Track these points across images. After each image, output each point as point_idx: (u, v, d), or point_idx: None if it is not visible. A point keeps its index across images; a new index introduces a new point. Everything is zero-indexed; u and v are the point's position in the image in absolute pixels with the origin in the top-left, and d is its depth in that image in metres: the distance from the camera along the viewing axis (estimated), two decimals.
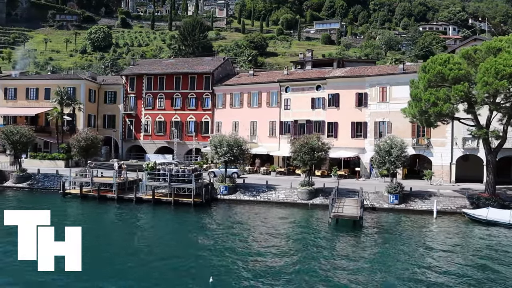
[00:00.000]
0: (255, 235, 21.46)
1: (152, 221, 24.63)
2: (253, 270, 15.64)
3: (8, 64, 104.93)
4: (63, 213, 25.46)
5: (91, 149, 33.38)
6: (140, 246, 19.04)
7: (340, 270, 15.92)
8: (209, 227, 23.21)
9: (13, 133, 33.47)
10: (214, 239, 20.21)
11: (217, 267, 15.89)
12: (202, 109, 47.09)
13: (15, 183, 34.69)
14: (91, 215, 25.53)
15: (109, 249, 18.32)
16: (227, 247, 18.79)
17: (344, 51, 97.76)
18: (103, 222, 24.21)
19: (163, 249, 18.63)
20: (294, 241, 20.54)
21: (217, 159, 30.91)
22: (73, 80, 47.70)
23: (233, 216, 26.18)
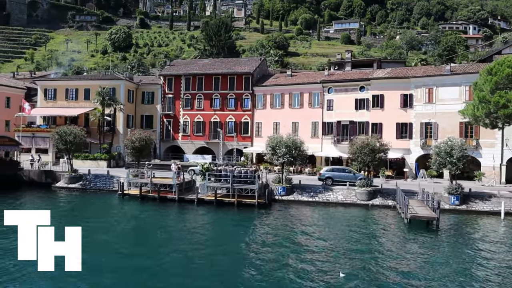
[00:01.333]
0: (336, 236, 21.29)
1: (227, 223, 24.30)
2: (355, 272, 15.49)
3: (31, 64, 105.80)
4: (134, 216, 25.51)
5: (144, 150, 33.38)
6: (239, 249, 18.71)
7: (442, 275, 15.67)
8: (286, 228, 23.00)
9: (66, 134, 33.56)
10: (299, 241, 20.04)
11: (332, 269, 15.72)
12: (242, 109, 46.97)
13: (67, 184, 34.81)
14: (161, 217, 25.40)
15: (214, 254, 17.86)
16: (320, 248, 18.62)
17: (366, 51, 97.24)
18: (180, 225, 23.81)
19: (263, 250, 18.32)
20: (378, 242, 20.35)
21: (275, 160, 30.73)
22: (113, 80, 47.77)
23: (301, 217, 26.08)
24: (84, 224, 22.93)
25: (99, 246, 18.24)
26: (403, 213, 25.41)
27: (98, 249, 17.44)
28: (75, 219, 24.57)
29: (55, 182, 36.23)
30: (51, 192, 33.98)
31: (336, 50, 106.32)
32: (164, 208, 27.69)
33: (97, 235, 20.21)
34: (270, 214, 26.85)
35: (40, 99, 49.70)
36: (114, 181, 34.45)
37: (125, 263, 16.24)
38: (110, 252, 17.60)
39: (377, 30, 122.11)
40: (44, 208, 27.54)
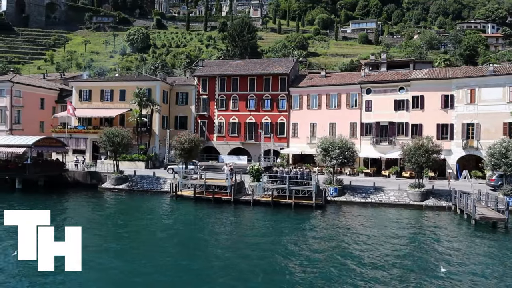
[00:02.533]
0: (406, 240, 21.06)
1: (289, 224, 23.97)
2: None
3: (51, 65, 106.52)
4: (195, 217, 25.52)
5: (193, 151, 33.44)
6: (310, 251, 18.65)
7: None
8: (349, 230, 22.85)
9: (114, 135, 33.69)
10: (369, 243, 19.88)
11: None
12: (278, 110, 46.91)
13: (113, 185, 34.91)
14: (223, 219, 25.27)
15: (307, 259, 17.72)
16: (396, 252, 18.48)
17: (387, 50, 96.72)
18: (244, 226, 23.64)
19: (330, 253, 18.14)
20: (450, 245, 20.14)
21: (328, 161, 30.64)
22: (149, 81, 47.91)
23: (360, 219, 25.92)
24: (149, 226, 23.16)
25: (173, 247, 18.31)
26: (466, 214, 25.25)
27: (174, 251, 17.50)
28: (137, 221, 24.66)
29: (100, 183, 36.32)
30: (97, 193, 34.07)
31: (354, 50, 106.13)
32: (221, 209, 27.61)
33: (162, 237, 20.34)
34: (327, 215, 26.73)
35: (75, 100, 49.95)
36: (161, 182, 34.54)
37: (207, 264, 16.25)
38: (188, 254, 17.60)
39: (394, 30, 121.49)
40: (102, 209, 27.84)
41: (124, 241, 19.88)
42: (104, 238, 20.01)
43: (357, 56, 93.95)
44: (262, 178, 29.67)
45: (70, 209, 28.10)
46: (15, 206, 27.76)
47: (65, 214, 26.16)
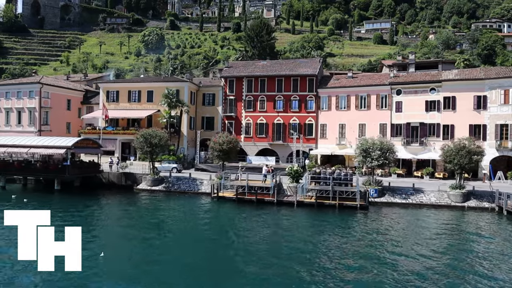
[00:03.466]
0: (461, 244, 20.96)
1: (343, 226, 24.05)
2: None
3: (67, 67, 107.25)
4: (243, 219, 25.54)
5: (231, 153, 33.54)
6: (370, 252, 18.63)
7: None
8: (398, 231, 22.79)
9: (151, 136, 33.83)
10: (423, 245, 19.82)
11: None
12: (306, 111, 46.88)
13: (150, 186, 35.04)
14: (272, 221, 25.31)
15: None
16: (454, 257, 18.36)
17: (402, 50, 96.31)
18: (297, 228, 23.51)
19: (384, 255, 18.15)
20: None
21: (368, 163, 30.59)
22: (177, 82, 48.06)
23: (405, 220, 25.93)
24: (198, 228, 23.19)
25: (226, 250, 18.31)
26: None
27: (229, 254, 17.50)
28: (183, 223, 24.68)
29: (135, 184, 36.49)
30: (134, 194, 34.23)
31: (370, 50, 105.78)
32: (265, 210, 27.63)
33: (215, 239, 20.36)
34: (372, 216, 26.65)
35: (102, 101, 50.26)
36: (198, 183, 34.65)
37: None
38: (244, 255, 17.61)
39: (408, 30, 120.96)
40: (145, 211, 27.96)
41: (179, 245, 19.72)
42: (158, 240, 20.07)
43: (373, 57, 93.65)
44: (303, 179, 29.60)
45: (115, 211, 28.29)
46: (68, 210, 28.05)
47: (113, 216, 26.34)
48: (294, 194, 30.74)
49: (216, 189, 30.83)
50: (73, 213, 27.52)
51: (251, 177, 31.79)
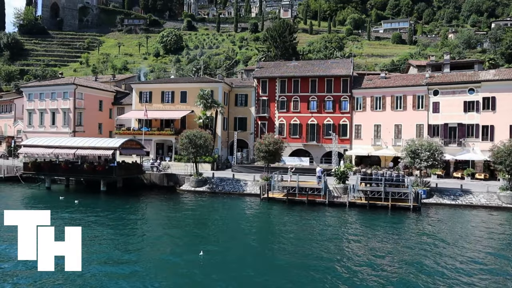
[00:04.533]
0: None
1: (400, 227, 23.92)
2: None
3: (87, 68, 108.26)
4: (299, 220, 25.57)
5: (277, 154, 33.63)
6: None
7: None
8: (459, 231, 22.68)
9: (196, 137, 34.01)
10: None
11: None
12: (340, 112, 46.81)
13: (194, 187, 35.19)
14: (329, 221, 25.27)
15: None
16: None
17: (423, 50, 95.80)
18: (359, 231, 23.30)
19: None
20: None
21: (418, 164, 30.49)
22: (211, 83, 48.21)
23: (458, 220, 25.87)
24: (254, 229, 23.15)
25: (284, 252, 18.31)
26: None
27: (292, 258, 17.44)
28: (236, 223, 24.66)
29: (177, 185, 36.71)
30: (177, 195, 34.38)
31: (389, 50, 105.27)
32: (317, 211, 27.62)
33: (273, 240, 20.33)
34: (426, 217, 26.50)
35: (135, 102, 50.65)
36: (242, 184, 34.75)
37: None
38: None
39: (426, 29, 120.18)
40: (194, 212, 28.14)
41: (238, 246, 19.65)
42: (217, 243, 20.15)
43: (394, 56, 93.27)
44: (356, 180, 29.59)
45: (171, 212, 28.38)
46: (122, 211, 28.33)
47: (172, 217, 26.50)
48: (341, 195, 30.79)
49: (265, 190, 30.85)
50: (129, 214, 27.87)
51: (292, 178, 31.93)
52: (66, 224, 22.98)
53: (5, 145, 62.19)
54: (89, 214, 26.32)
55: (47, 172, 35.83)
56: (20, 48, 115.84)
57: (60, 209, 27.71)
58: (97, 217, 25.53)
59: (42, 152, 36.30)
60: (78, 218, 24.94)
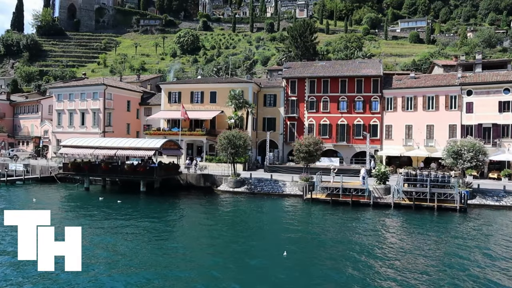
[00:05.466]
0: None
1: (452, 229, 23.93)
2: None
3: (104, 68, 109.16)
4: (349, 221, 25.59)
5: (316, 154, 33.72)
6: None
7: None
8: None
9: (236, 138, 34.18)
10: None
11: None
12: (370, 112, 46.71)
13: (232, 188, 35.34)
14: (379, 223, 25.22)
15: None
16: None
17: (443, 49, 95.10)
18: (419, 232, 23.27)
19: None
20: None
21: (460, 164, 30.35)
22: (241, 83, 48.36)
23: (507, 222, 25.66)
24: (303, 231, 23.06)
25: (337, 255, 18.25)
26: None
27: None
28: (283, 224, 24.60)
29: (214, 185, 36.91)
30: (216, 196, 34.58)
31: (407, 49, 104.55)
32: (366, 212, 27.55)
33: (326, 242, 20.34)
34: (474, 218, 26.43)
35: (164, 102, 50.97)
36: (280, 184, 34.86)
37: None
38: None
39: (444, 28, 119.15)
40: (239, 213, 28.33)
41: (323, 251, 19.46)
42: (287, 244, 20.19)
43: (412, 56, 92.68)
44: (397, 180, 29.54)
45: (214, 213, 28.60)
46: (167, 211, 28.59)
47: (217, 219, 26.68)
48: (382, 195, 30.75)
49: (308, 191, 30.92)
50: (179, 216, 28.15)
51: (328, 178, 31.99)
52: (120, 225, 23.35)
53: (33, 145, 63.08)
54: (136, 215, 26.67)
55: (87, 172, 36.18)
56: (39, 49, 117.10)
57: (106, 210, 28.05)
58: (146, 218, 25.82)
59: (82, 153, 36.76)
60: (127, 219, 25.26)
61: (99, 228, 22.66)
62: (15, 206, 29.41)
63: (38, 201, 30.81)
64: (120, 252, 18.18)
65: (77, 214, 26.95)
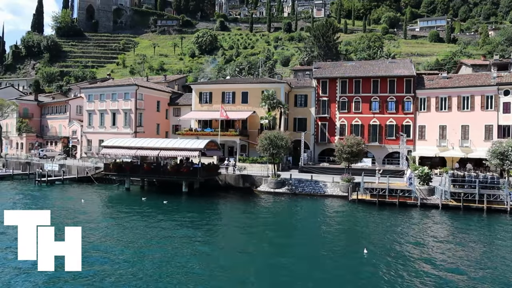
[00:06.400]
0: None
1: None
2: None
3: (123, 69, 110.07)
4: (400, 223, 25.58)
5: (359, 155, 33.77)
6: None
7: None
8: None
9: (278, 138, 34.32)
10: None
11: None
12: (403, 112, 46.55)
13: (272, 188, 35.45)
14: (436, 225, 25.23)
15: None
16: None
17: (465, 48, 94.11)
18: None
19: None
20: None
21: (507, 166, 30.16)
22: (273, 83, 48.50)
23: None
24: (359, 233, 23.12)
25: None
26: None
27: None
28: (352, 229, 24.84)
29: (253, 186, 37.07)
30: (257, 196, 34.70)
31: (428, 49, 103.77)
32: (414, 213, 27.53)
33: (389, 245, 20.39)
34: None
35: (195, 102, 51.24)
36: (321, 185, 34.93)
37: None
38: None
39: (463, 27, 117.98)
40: (285, 213, 28.52)
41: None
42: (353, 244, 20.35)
43: (433, 55, 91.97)
44: (442, 181, 29.46)
45: (262, 213, 28.87)
46: (214, 212, 28.84)
47: (268, 219, 26.89)
48: (425, 196, 30.66)
49: (356, 192, 30.92)
50: (226, 216, 28.39)
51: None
52: (176, 226, 23.64)
53: (61, 145, 63.92)
54: (185, 215, 26.92)
55: (128, 173, 36.60)
56: (59, 50, 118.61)
57: (154, 210, 28.41)
58: (198, 219, 26.15)
59: (124, 153, 37.18)
60: (181, 220, 25.56)
61: (161, 229, 22.87)
62: (67, 206, 29.68)
63: (86, 202, 31.27)
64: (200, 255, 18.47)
65: (129, 214, 27.18)
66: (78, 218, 25.49)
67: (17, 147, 67.52)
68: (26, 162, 51.79)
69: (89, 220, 25.23)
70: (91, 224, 23.76)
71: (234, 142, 46.95)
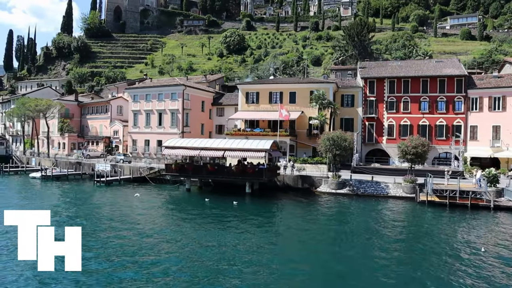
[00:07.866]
0: None
1: None
2: None
3: (152, 69, 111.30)
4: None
5: (423, 156, 33.70)
6: None
7: None
8: None
9: (341, 139, 34.45)
10: None
11: None
12: (454, 112, 46.15)
13: (333, 189, 35.59)
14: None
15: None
16: None
17: (500, 46, 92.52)
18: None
19: None
20: None
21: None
22: (322, 84, 48.63)
23: None
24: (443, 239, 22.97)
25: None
26: None
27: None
28: (436, 233, 24.59)
29: (312, 187, 37.25)
30: (317, 197, 34.86)
31: (460, 47, 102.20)
32: (489, 216, 27.40)
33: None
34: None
35: (241, 102, 51.58)
36: (382, 186, 34.96)
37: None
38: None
39: (496, 23, 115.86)
40: (357, 215, 28.60)
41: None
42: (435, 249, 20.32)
43: (467, 54, 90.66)
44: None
45: (334, 215, 29.08)
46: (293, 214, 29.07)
47: (344, 222, 27.05)
48: (493, 198, 30.38)
49: (425, 194, 30.85)
50: (294, 217, 28.63)
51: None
52: (253, 226, 23.94)
53: (103, 145, 65.16)
54: (258, 217, 27.16)
55: (190, 173, 37.16)
56: (88, 51, 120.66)
57: (226, 211, 28.79)
58: (272, 221, 26.52)
59: (187, 154, 37.78)
60: (256, 221, 25.88)
61: (242, 232, 23.14)
62: (138, 210, 30.21)
63: (155, 203, 31.86)
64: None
65: (199, 217, 27.31)
66: (158, 220, 25.99)
67: (59, 146, 69.07)
68: (76, 162, 52.98)
69: (172, 223, 25.76)
70: (173, 227, 24.23)
71: (284, 142, 47.14)
